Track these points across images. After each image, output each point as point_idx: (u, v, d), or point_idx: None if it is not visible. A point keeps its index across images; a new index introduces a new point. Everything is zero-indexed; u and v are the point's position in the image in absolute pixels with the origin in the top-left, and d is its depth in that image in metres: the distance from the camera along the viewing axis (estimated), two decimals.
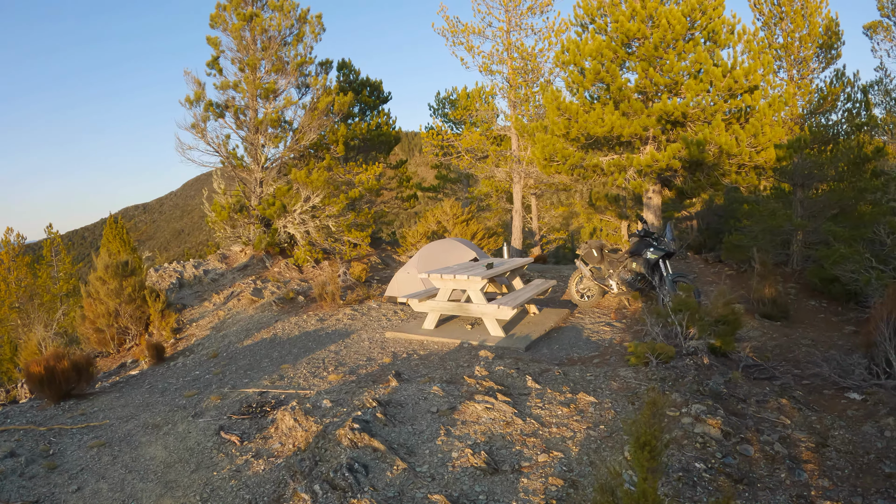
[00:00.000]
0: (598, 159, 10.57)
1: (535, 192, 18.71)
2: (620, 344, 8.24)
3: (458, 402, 6.10)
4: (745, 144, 9.64)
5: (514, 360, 7.41)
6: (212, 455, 5.61)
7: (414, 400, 6.16)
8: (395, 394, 6.39)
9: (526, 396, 6.11)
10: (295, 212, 13.05)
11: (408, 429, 5.53)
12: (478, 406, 5.92)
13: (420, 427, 5.53)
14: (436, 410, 5.85)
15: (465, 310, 8.66)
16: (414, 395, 6.28)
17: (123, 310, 11.40)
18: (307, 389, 7.29)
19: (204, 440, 5.94)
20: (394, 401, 6.16)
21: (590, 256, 10.48)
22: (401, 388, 6.55)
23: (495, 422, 5.66)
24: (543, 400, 5.99)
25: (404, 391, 6.42)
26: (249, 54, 13.41)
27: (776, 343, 9.03)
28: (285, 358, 8.87)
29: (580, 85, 10.50)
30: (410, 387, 6.58)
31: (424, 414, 5.80)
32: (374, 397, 6.22)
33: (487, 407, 5.90)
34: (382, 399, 6.17)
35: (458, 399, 6.17)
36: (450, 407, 5.95)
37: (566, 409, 5.76)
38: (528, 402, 5.96)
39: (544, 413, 5.74)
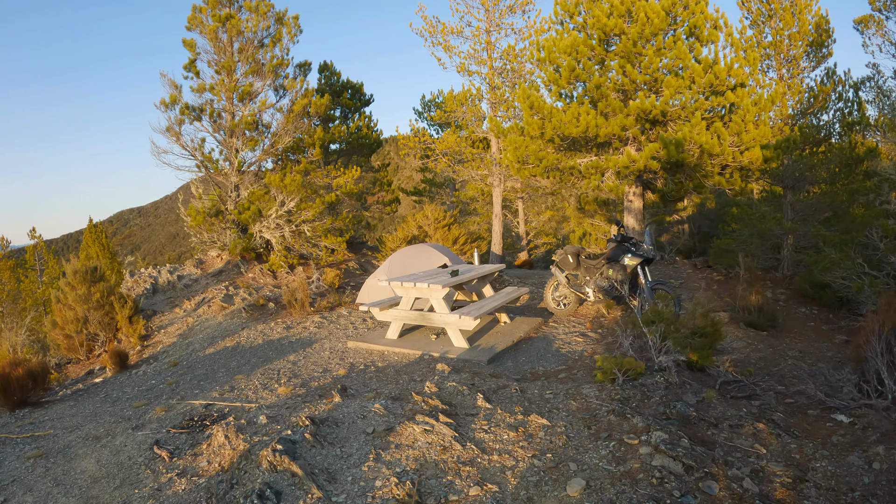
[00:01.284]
0: (574, 161, 9.68)
1: (522, 195, 17.86)
2: (591, 356, 7.39)
3: (398, 422, 5.31)
4: (727, 144, 8.76)
5: (471, 374, 6.58)
6: (139, 471, 5.04)
7: (352, 418, 5.38)
8: (335, 411, 5.61)
9: (472, 417, 5.28)
10: (270, 216, 12.26)
11: (336, 451, 4.79)
12: (416, 428, 5.11)
13: (350, 450, 4.80)
14: (372, 431, 5.09)
15: (428, 319, 7.83)
16: (354, 412, 5.50)
17: (92, 316, 10.71)
18: (253, 403, 6.56)
19: (136, 455, 5.35)
20: (331, 419, 5.38)
21: (565, 263, 9.60)
22: (343, 404, 5.77)
23: (432, 446, 4.84)
24: (490, 422, 5.15)
25: (345, 408, 5.64)
26: (225, 56, 12.68)
27: (761, 355, 8.13)
28: (242, 368, 8.13)
29: (556, 83, 9.62)
30: (353, 403, 5.80)
31: (359, 435, 5.04)
32: (309, 415, 5.45)
33: (426, 429, 5.07)
34: (319, 417, 5.40)
35: (398, 419, 5.38)
36: (387, 427, 5.17)
37: (513, 433, 4.93)
38: (474, 424, 5.14)
39: (488, 437, 4.90)
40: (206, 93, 12.73)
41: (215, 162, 12.92)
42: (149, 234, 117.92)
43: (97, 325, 10.69)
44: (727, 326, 9.25)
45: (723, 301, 10.58)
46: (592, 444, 4.70)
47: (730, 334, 8.85)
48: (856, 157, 10.85)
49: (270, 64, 12.85)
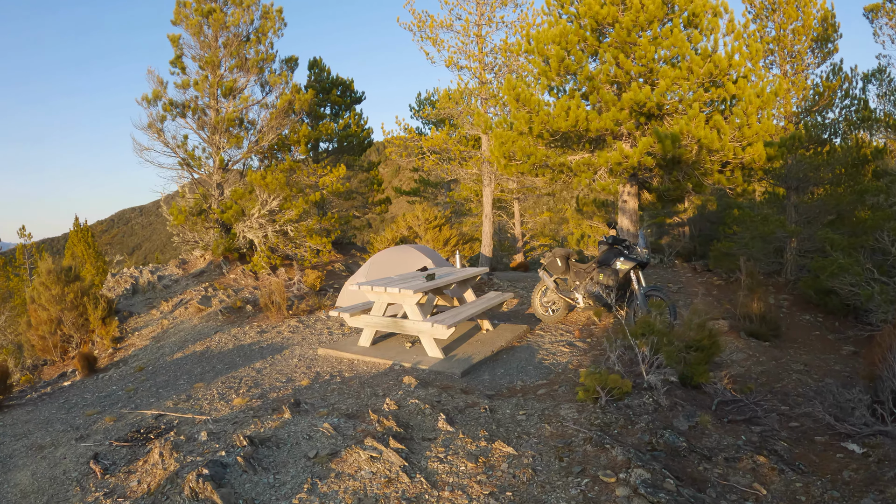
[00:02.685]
0: (565, 158, 8.79)
1: (518, 196, 16.99)
2: (577, 369, 6.56)
3: (346, 445, 4.56)
4: (727, 139, 7.85)
5: (440, 389, 5.77)
6: (69, 488, 4.55)
7: (297, 439, 4.66)
8: (282, 429, 4.87)
9: (429, 443, 4.48)
10: (253, 216, 11.48)
11: (268, 479, 4.10)
12: (363, 454, 4.33)
13: (285, 477, 4.10)
14: (314, 455, 4.36)
15: (401, 327, 7.03)
16: (301, 431, 4.77)
17: (66, 317, 10.01)
18: (204, 415, 5.84)
19: (72, 469, 4.86)
20: (274, 438, 4.67)
21: (553, 266, 8.74)
22: (291, 421, 5.01)
23: (376, 477, 4.08)
24: (449, 449, 4.37)
25: (293, 426, 4.90)
26: (210, 51, 11.92)
27: (763, 369, 7.25)
28: (205, 375, 7.38)
29: (544, 75, 8.75)
30: (303, 421, 5.03)
31: (299, 459, 4.33)
32: (249, 434, 4.73)
33: (373, 456, 4.30)
34: (260, 436, 4.70)
35: (346, 441, 4.63)
36: (332, 452, 4.41)
37: (472, 463, 4.15)
38: (429, 451, 4.36)
39: (442, 469, 4.13)
40: (190, 89, 12.03)
41: (198, 159, 12.16)
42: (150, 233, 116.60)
43: (71, 326, 10.06)
44: (727, 336, 8.35)
45: (722, 308, 9.68)
46: (562, 480, 3.88)
47: (729, 345, 7.96)
48: (862, 158, 9.93)
49: (255, 59, 12.12)
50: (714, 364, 7.08)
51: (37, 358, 10.25)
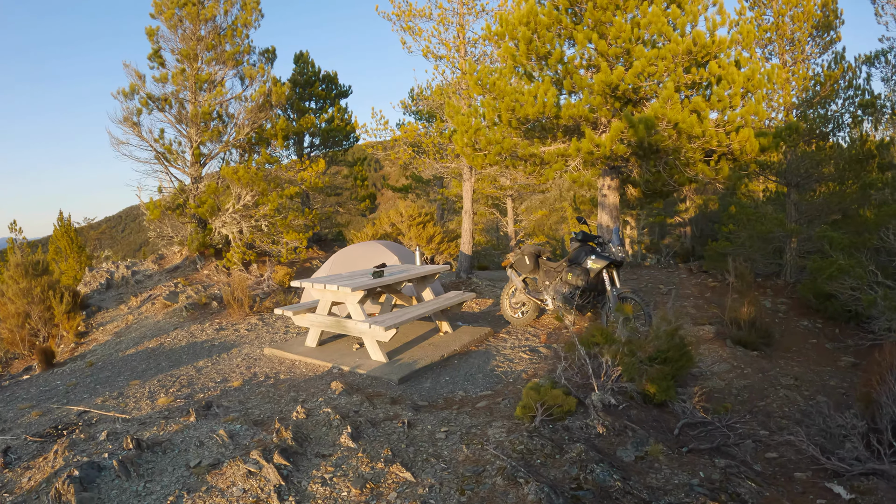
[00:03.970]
0: (537, 148, 8.24)
1: (511, 193, 16.44)
2: (530, 379, 5.99)
3: (232, 456, 4.24)
4: (709, 123, 7.19)
5: (366, 396, 5.37)
6: None
7: (187, 445, 4.39)
8: (180, 433, 4.62)
9: (321, 460, 4.11)
10: (227, 211, 11.16)
11: (139, 486, 3.86)
12: (242, 468, 4.03)
13: (156, 486, 3.85)
14: (196, 465, 4.08)
15: (344, 327, 6.66)
16: (195, 437, 4.51)
17: (33, 310, 9.86)
18: (124, 413, 5.63)
19: None
20: (165, 442, 4.43)
21: (522, 265, 8.23)
22: (193, 425, 4.77)
23: (245, 496, 3.80)
24: (339, 469, 4.00)
25: (192, 430, 4.65)
26: (187, 44, 11.63)
27: (746, 383, 6.53)
28: (147, 372, 7.17)
29: (512, 58, 8.21)
30: (204, 425, 4.76)
31: (179, 467, 4.06)
32: (141, 437, 4.51)
33: (252, 471, 3.96)
34: (153, 439, 4.48)
35: (235, 452, 4.32)
36: (214, 462, 4.11)
37: (357, 490, 3.84)
38: (316, 471, 4.01)
39: (321, 492, 3.81)
40: (167, 82, 11.79)
41: (175, 153, 11.92)
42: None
43: (38, 320, 9.95)
44: (710, 344, 7.71)
45: (710, 312, 9.03)
46: None
47: (712, 354, 7.32)
48: (867, 153, 9.20)
49: (230, 51, 11.83)
50: (690, 376, 6.47)
51: (7, 351, 10.15)
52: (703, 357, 7.13)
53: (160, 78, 11.71)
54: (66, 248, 14.98)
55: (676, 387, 5.62)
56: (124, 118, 11.26)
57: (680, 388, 5.63)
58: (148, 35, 11.84)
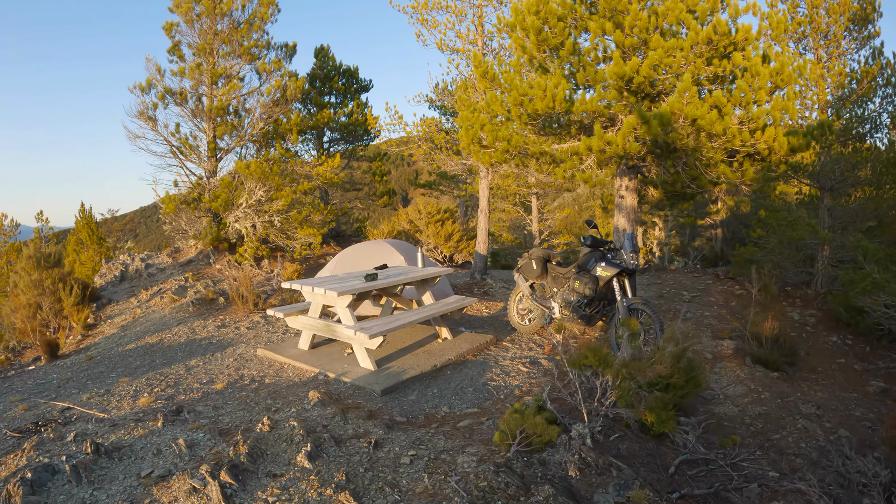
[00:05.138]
0: (548, 146, 7.84)
1: (536, 191, 15.98)
2: (522, 397, 5.67)
3: (184, 469, 4.03)
4: (731, 119, 6.67)
5: (342, 408, 5.16)
6: None
7: (145, 452, 4.27)
8: (142, 438, 4.51)
9: (270, 480, 3.92)
10: (241, 205, 11.06)
11: (86, 494, 3.74)
12: (188, 483, 3.94)
13: (101, 495, 3.74)
14: (147, 475, 3.95)
15: (333, 331, 6.46)
16: (155, 444, 4.40)
17: (44, 302, 9.94)
18: (104, 412, 5.56)
19: None
20: (124, 447, 4.33)
21: (529, 270, 7.85)
22: (158, 431, 4.65)
23: None
24: (284, 493, 3.85)
25: (155, 437, 4.54)
26: (204, 38, 11.59)
27: (762, 410, 5.88)
28: (138, 370, 7.12)
29: (523, 50, 7.82)
30: (169, 432, 4.64)
31: (130, 476, 3.95)
32: (101, 440, 4.47)
33: (196, 488, 3.81)
34: (115, 444, 4.38)
35: (189, 464, 4.11)
36: (165, 474, 3.97)
37: None
38: (261, 493, 3.85)
39: None
40: (184, 77, 11.80)
41: (192, 147, 11.88)
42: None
43: (49, 311, 10.01)
44: (728, 362, 7.14)
45: (731, 325, 8.49)
46: None
47: (728, 374, 6.76)
48: None
49: (246, 45, 11.74)
50: (701, 399, 5.95)
51: (19, 341, 10.28)
52: (719, 377, 6.64)
53: (178, 72, 11.72)
54: (86, 240, 15.24)
55: (681, 415, 5.13)
56: (140, 112, 11.31)
57: (685, 417, 5.16)
58: (165, 30, 11.92)
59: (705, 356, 7.27)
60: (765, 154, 7.12)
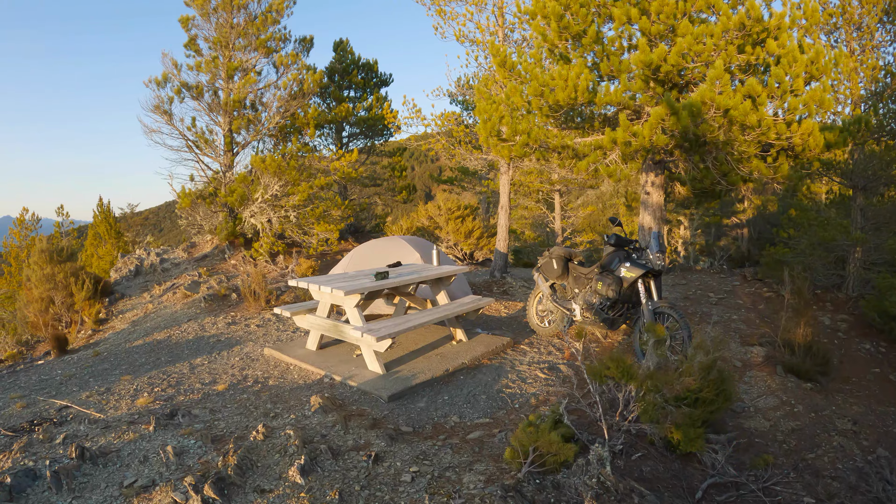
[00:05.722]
0: (571, 139, 7.40)
1: (559, 188, 15.49)
2: (537, 407, 5.29)
3: (168, 479, 3.76)
4: (765, 110, 6.18)
5: (344, 416, 4.84)
6: None
7: (131, 459, 4.02)
8: (131, 443, 4.26)
9: (257, 496, 3.71)
10: (256, 200, 10.81)
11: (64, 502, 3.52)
12: (169, 496, 3.74)
13: None
14: (128, 485, 3.70)
15: (341, 332, 6.14)
16: (142, 451, 4.13)
17: (56, 296, 9.79)
18: (101, 412, 5.30)
19: None
20: (110, 453, 4.09)
21: (549, 269, 7.43)
22: (149, 436, 4.39)
23: None
24: None
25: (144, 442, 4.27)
26: (219, 31, 11.38)
27: (795, 425, 5.42)
28: (141, 368, 6.88)
29: (544, 38, 7.39)
30: (159, 437, 4.37)
31: (112, 485, 3.70)
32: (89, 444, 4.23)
33: (176, 502, 3.43)
34: (101, 449, 4.15)
35: (173, 475, 3.84)
36: (148, 484, 3.70)
37: None
38: None
39: None
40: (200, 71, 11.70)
41: (208, 142, 11.68)
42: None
43: (61, 305, 9.86)
44: (758, 370, 6.65)
45: (761, 330, 8.00)
46: None
47: (759, 384, 6.28)
48: None
49: (262, 38, 11.49)
50: (730, 412, 5.48)
51: (32, 335, 10.17)
52: (749, 387, 6.17)
53: (194, 66, 11.56)
54: (104, 234, 15.19)
55: (710, 431, 4.69)
56: (155, 107, 11.19)
57: (713, 434, 4.71)
58: (182, 24, 11.75)
59: (734, 364, 6.81)
60: (798, 150, 6.64)
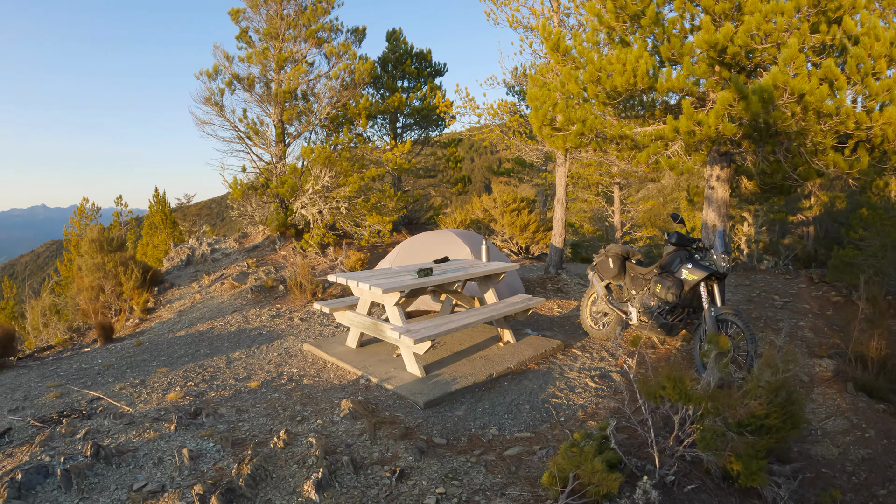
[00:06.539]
0: (629, 129, 6.78)
1: (619, 181, 14.71)
2: (584, 422, 4.74)
3: (177, 486, 3.45)
4: (844, 94, 5.44)
5: (374, 424, 4.49)
6: None
7: (146, 460, 3.77)
8: (149, 443, 4.02)
9: None
10: (307, 191, 10.57)
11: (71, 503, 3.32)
12: None
13: None
14: (138, 488, 3.45)
15: (380, 331, 5.77)
16: (158, 451, 3.90)
17: (106, 285, 9.86)
18: (131, 406, 5.11)
19: None
20: (127, 453, 3.85)
21: (604, 268, 6.83)
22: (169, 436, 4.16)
23: None
24: None
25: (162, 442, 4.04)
26: (270, 23, 11.24)
27: (867, 454, 4.56)
28: (179, 360, 6.71)
29: (600, 20, 6.78)
30: (178, 438, 4.13)
31: (121, 488, 3.46)
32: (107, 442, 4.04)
33: None
34: (116, 448, 3.91)
35: (185, 481, 3.52)
36: (156, 490, 3.42)
37: None
38: None
39: None
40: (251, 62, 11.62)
41: (260, 133, 11.53)
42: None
43: (110, 294, 9.91)
44: (827, 387, 5.78)
45: (830, 341, 7.14)
46: None
47: (827, 403, 5.40)
48: None
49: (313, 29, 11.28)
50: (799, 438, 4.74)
51: (82, 322, 10.30)
52: (816, 406, 5.37)
53: (246, 58, 11.49)
54: (159, 223, 15.37)
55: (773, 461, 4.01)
56: (206, 98, 11.17)
57: (777, 465, 4.05)
58: (231, 16, 11.79)
59: (801, 379, 6.04)
60: (877, 141, 5.81)
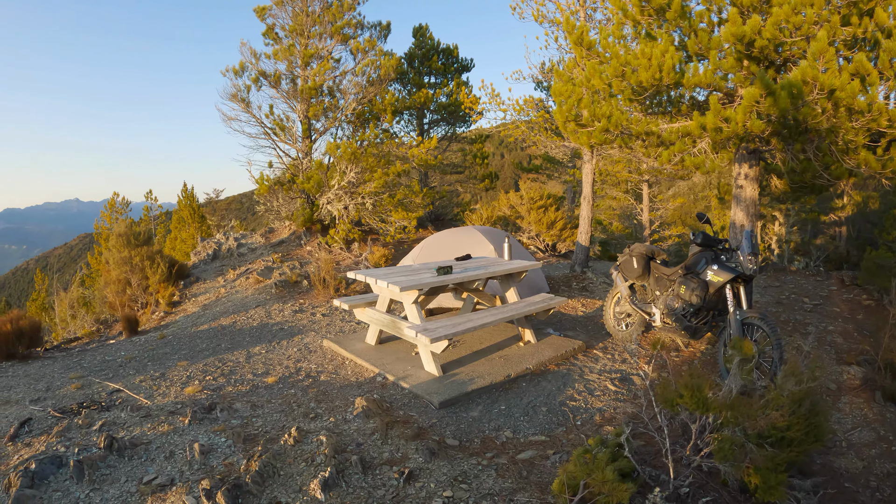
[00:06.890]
0: (656, 125, 6.58)
1: (648, 178, 14.39)
2: (601, 426, 4.58)
3: (186, 480, 3.45)
4: (876, 91, 5.20)
5: (387, 423, 4.43)
6: None
7: (157, 454, 3.79)
8: (161, 437, 4.04)
9: None
10: (333, 187, 10.56)
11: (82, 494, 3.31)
12: (181, 499, 3.23)
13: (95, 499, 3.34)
14: (147, 482, 3.45)
15: (398, 329, 5.73)
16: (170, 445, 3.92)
17: (133, 278, 10.03)
18: (149, 399, 5.18)
19: None
20: (140, 446, 3.88)
21: (628, 268, 6.62)
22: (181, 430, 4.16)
23: None
24: None
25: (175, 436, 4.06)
26: (295, 19, 11.27)
27: (892, 468, 4.19)
28: (200, 354, 6.75)
29: (625, 13, 6.59)
30: (191, 432, 4.13)
31: (131, 481, 3.48)
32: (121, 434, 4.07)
33: None
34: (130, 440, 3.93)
35: (194, 475, 3.51)
36: (165, 484, 3.43)
37: None
38: None
39: None
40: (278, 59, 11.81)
41: (286, 129, 11.57)
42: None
43: (137, 287, 10.10)
44: (854, 396, 5.45)
45: (860, 347, 6.79)
46: None
47: (854, 413, 5.08)
48: None
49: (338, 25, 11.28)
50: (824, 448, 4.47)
51: (109, 315, 10.51)
52: (842, 416, 5.10)
53: (272, 54, 11.56)
54: (187, 218, 15.56)
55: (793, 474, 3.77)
56: (232, 95, 11.30)
57: (798, 478, 3.81)
58: (257, 13, 11.86)
59: (828, 387, 5.76)
60: None
